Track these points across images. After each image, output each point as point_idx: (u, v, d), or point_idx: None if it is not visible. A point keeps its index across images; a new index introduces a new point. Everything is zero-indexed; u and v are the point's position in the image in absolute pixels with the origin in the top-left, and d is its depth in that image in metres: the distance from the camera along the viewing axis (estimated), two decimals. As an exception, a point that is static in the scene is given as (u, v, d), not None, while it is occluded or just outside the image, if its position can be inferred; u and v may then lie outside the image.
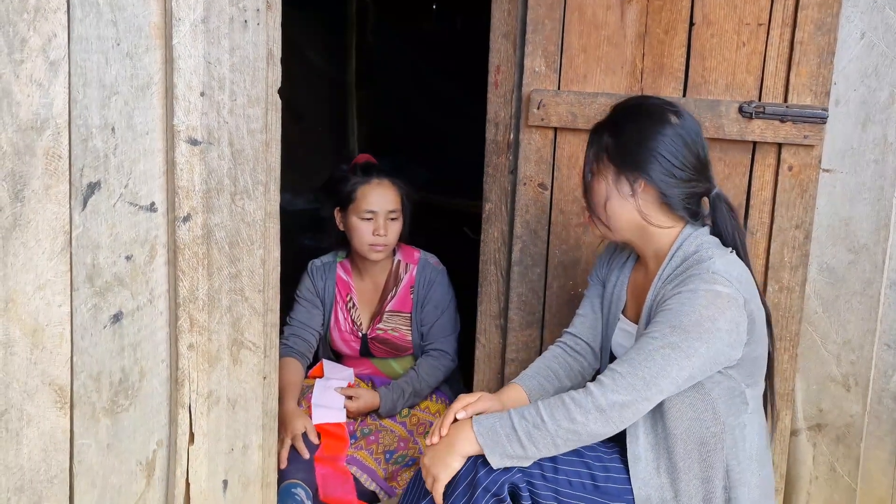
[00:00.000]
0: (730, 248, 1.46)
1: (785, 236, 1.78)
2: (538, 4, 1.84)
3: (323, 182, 5.34)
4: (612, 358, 1.66)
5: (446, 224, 4.20)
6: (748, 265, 1.46)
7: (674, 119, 1.44)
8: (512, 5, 1.92)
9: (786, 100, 1.74)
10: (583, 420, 1.31)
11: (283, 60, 1.44)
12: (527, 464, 1.36)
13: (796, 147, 1.75)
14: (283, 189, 1.50)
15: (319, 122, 5.35)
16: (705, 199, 1.48)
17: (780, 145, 1.76)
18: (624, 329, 1.58)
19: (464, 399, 1.50)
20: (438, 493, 1.37)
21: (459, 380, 2.35)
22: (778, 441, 1.85)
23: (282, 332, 2.13)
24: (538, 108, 1.86)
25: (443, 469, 1.37)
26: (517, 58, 1.92)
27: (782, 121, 1.73)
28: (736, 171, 1.80)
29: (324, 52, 5.37)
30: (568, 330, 1.72)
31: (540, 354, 1.77)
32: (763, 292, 1.81)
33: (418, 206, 2.32)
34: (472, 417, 1.41)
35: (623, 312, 1.60)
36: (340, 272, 2.26)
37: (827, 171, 1.77)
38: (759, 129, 1.75)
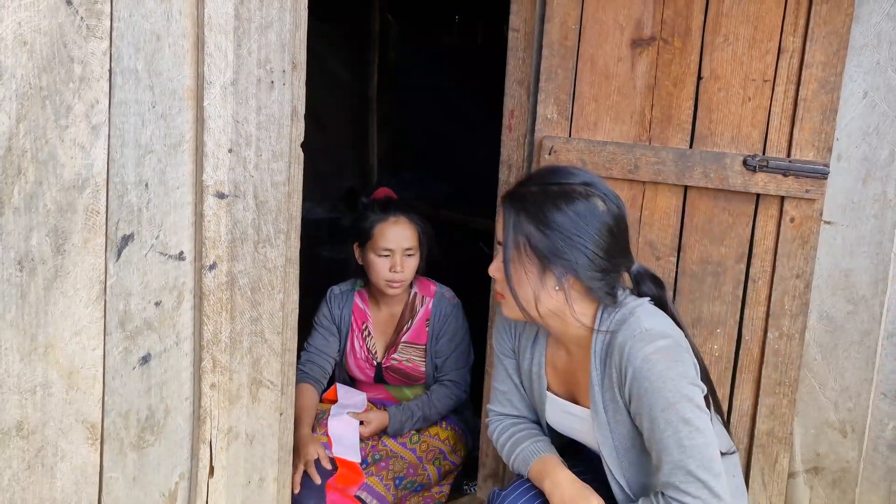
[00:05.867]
0: (647, 299, 1.44)
1: (786, 285, 1.84)
2: (552, 54, 1.92)
3: (342, 193, 5.43)
4: (554, 434, 1.63)
5: (462, 239, 4.28)
6: (677, 323, 1.44)
7: (601, 205, 1.37)
8: (527, 54, 1.99)
9: (789, 154, 1.80)
10: None
11: (308, 71, 1.50)
12: None
13: (798, 200, 1.80)
14: (304, 198, 1.55)
15: (341, 132, 5.46)
16: (625, 275, 1.47)
17: (782, 198, 1.81)
18: (570, 413, 1.54)
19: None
20: None
21: (470, 408, 2.43)
22: (775, 482, 1.90)
23: (299, 356, 2.21)
24: (549, 154, 1.93)
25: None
26: (530, 104, 2.00)
27: (785, 175, 1.79)
28: (739, 220, 1.86)
29: (347, 65, 5.48)
30: (498, 410, 1.67)
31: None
32: (764, 338, 1.87)
33: (436, 222, 2.39)
34: None
35: (548, 389, 1.57)
36: (358, 301, 2.34)
37: (828, 223, 1.82)
38: (762, 182, 1.81)
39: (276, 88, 1.45)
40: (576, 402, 1.52)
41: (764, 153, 1.82)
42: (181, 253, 1.40)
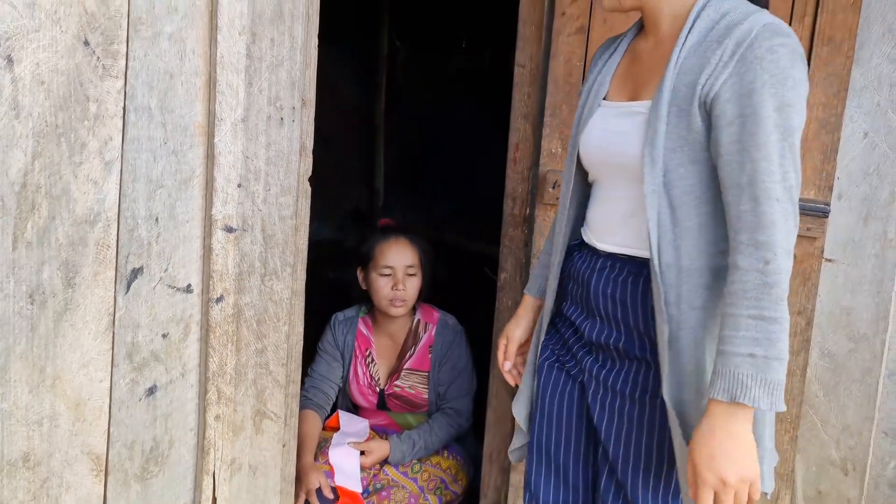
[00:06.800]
0: None
1: (787, 322, 1.85)
2: (556, 90, 1.95)
3: (348, 213, 5.47)
4: (578, 164, 1.34)
5: (467, 263, 4.30)
6: None
7: None
8: (532, 89, 2.02)
9: (790, 192, 1.82)
10: (787, 276, 1.06)
11: (317, 91, 1.55)
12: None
13: (800, 237, 1.81)
14: (311, 217, 1.59)
15: (348, 152, 5.51)
16: None
17: (784, 235, 1.83)
18: (622, 114, 1.23)
19: (502, 347, 1.47)
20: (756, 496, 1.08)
21: (473, 436, 2.43)
22: (777, 519, 1.90)
23: (302, 382, 2.22)
24: (553, 188, 1.96)
25: (749, 467, 1.06)
26: (535, 138, 2.02)
27: (786, 212, 1.80)
28: (741, 257, 1.88)
29: (355, 85, 5.54)
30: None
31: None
32: (765, 374, 1.87)
33: (439, 245, 2.42)
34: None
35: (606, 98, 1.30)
36: (361, 327, 2.36)
37: (830, 261, 1.84)
38: (764, 219, 1.82)
39: (286, 125, 1.48)
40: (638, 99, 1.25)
41: (766, 191, 1.84)
42: (189, 286, 1.42)
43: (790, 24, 1.77)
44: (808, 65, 1.77)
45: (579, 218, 1.37)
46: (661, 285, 1.14)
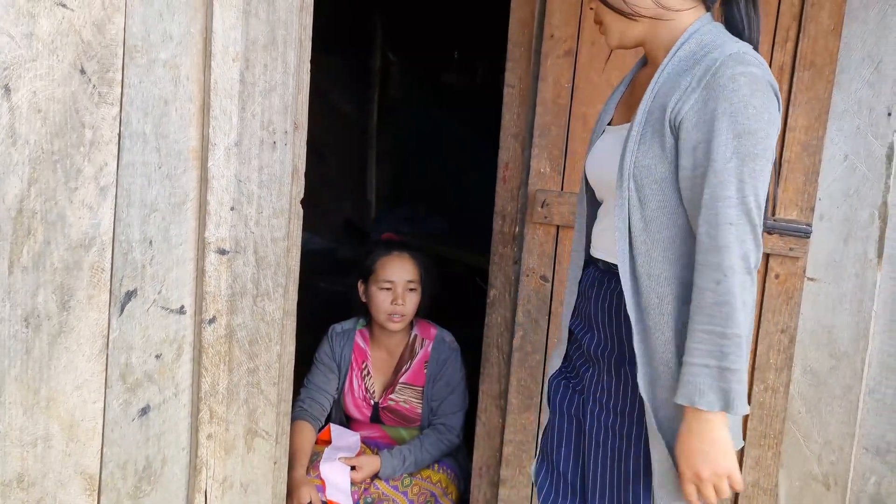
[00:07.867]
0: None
1: (771, 339, 1.89)
2: (546, 112, 1.98)
3: (340, 224, 5.49)
4: (587, 184, 1.43)
5: (459, 274, 4.33)
6: None
7: None
8: (521, 109, 2.06)
9: (773, 213, 1.86)
10: (740, 294, 1.12)
11: (310, 103, 1.57)
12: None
13: (783, 257, 1.86)
14: (302, 227, 1.61)
15: (341, 164, 5.54)
16: None
17: (767, 255, 1.87)
18: (615, 136, 1.34)
19: None
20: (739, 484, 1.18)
21: (464, 451, 2.45)
22: (761, 534, 1.93)
23: (298, 392, 2.24)
24: (542, 207, 1.99)
25: (719, 463, 1.15)
26: (525, 158, 2.06)
27: (769, 233, 1.84)
28: (726, 275, 1.91)
29: (349, 99, 5.58)
30: None
31: (537, 438, 1.86)
32: (749, 391, 1.91)
33: (432, 258, 2.45)
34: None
35: (609, 125, 1.41)
36: (359, 339, 2.38)
37: (812, 279, 1.87)
38: (747, 239, 1.86)
39: (279, 149, 1.50)
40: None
41: (749, 211, 1.88)
42: (182, 307, 1.44)
43: (772, 50, 1.82)
44: (791, 89, 1.81)
45: (591, 236, 1.46)
46: (631, 290, 1.22)
